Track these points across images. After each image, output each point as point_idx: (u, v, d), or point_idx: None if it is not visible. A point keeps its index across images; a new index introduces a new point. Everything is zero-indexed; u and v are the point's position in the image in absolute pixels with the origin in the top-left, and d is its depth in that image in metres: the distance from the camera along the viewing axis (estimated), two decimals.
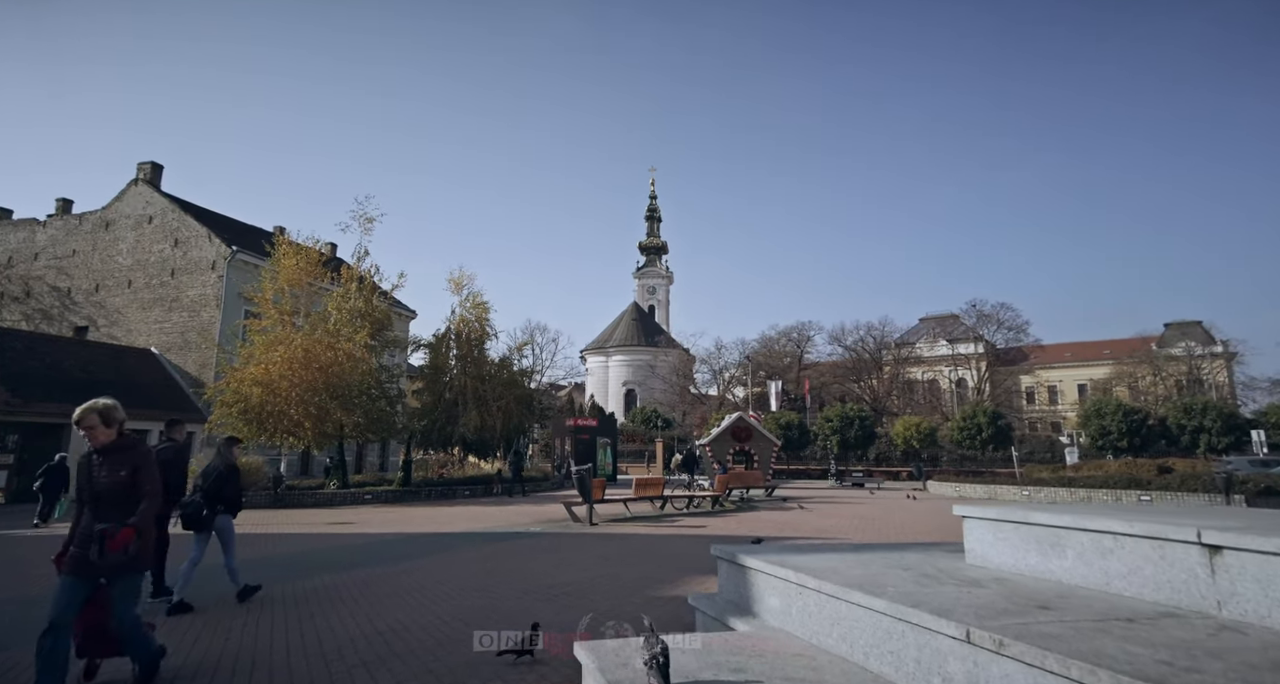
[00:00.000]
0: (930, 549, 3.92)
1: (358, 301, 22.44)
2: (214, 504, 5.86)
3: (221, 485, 5.93)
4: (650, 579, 6.83)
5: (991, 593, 2.55)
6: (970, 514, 3.26)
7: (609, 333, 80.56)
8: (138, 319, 28.41)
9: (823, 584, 2.84)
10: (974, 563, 3.20)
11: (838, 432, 36.90)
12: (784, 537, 10.78)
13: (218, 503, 5.89)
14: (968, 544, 3.30)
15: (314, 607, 5.81)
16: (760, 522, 13.47)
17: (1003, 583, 2.75)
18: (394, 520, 13.45)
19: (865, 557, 3.58)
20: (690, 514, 15.06)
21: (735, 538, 10.49)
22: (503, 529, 12.04)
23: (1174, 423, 31.36)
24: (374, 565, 8.06)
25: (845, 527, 12.50)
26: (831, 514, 15.29)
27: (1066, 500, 18.34)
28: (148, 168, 29.92)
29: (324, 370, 19.77)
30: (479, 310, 29.73)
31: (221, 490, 5.93)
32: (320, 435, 20.16)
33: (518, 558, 8.49)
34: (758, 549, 3.89)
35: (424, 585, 6.69)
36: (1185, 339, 58.88)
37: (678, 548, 9.40)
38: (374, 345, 22.45)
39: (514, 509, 16.50)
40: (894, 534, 11.16)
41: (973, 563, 3.21)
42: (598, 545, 9.65)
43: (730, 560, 3.75)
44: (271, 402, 19.04)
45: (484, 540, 10.40)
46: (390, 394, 22.96)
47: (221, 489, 5.93)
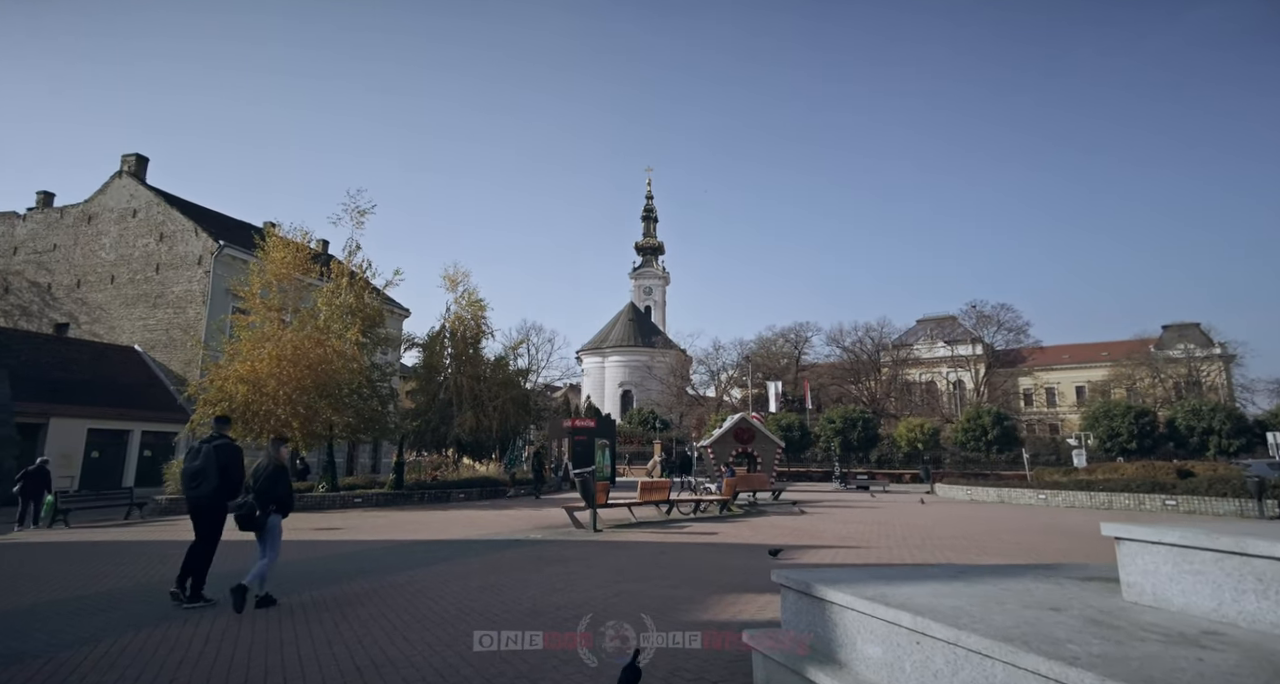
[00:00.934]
0: (1052, 575, 3.15)
1: (348, 297, 21.57)
2: (266, 504, 5.85)
3: (272, 485, 5.90)
4: (676, 600, 6.04)
5: (1230, 659, 1.78)
6: (1133, 537, 2.49)
7: (605, 333, 79.76)
8: (121, 316, 27.43)
9: (962, 635, 2.06)
10: (1144, 602, 2.43)
11: (840, 433, 36.22)
12: (804, 546, 10.01)
13: (270, 503, 5.88)
14: (1127, 576, 2.52)
15: (286, 631, 4.99)
16: (774, 528, 12.70)
17: (1222, 638, 1.98)
18: (384, 526, 12.61)
19: (982, 588, 2.80)
20: (697, 519, 14.28)
21: (752, 547, 9.71)
22: (501, 536, 11.23)
23: (1183, 425, 30.81)
24: (359, 580, 7.24)
25: (870, 535, 11.74)
26: (848, 520, 14.54)
27: (1086, 505, 17.68)
28: (132, 160, 28.95)
29: (313, 368, 18.91)
30: (475, 308, 28.88)
31: (273, 490, 5.90)
32: (309, 436, 19.28)
33: (520, 571, 7.68)
34: (838, 577, 3.10)
35: (415, 605, 5.88)
36: (1183, 341, 58.76)
37: (696, 559, 8.62)
38: (365, 343, 21.59)
39: (511, 514, 15.68)
40: (932, 545, 10.40)
41: (1142, 602, 2.44)
42: (607, 556, 8.86)
43: (803, 591, 2.96)
44: (258, 400, 18.16)
45: (482, 549, 9.59)
46: (382, 393, 22.10)
47: (273, 488, 5.90)
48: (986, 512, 17.17)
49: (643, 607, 5.55)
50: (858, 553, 9.31)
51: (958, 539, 10.96)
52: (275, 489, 5.89)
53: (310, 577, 7.47)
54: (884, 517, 15.37)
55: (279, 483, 5.94)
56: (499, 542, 10.56)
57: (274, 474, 5.92)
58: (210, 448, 5.98)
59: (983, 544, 10.28)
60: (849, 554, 9.22)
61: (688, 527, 12.93)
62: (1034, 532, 12.23)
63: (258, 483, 5.86)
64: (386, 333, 23.37)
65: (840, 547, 9.91)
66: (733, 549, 9.62)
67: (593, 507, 11.59)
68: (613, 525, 12.85)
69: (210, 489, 5.86)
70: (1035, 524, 13.73)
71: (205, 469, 5.87)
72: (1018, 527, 13.19)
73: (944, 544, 10.28)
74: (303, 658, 4.35)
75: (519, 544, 10.25)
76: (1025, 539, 11.01)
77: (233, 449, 6.12)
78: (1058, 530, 12.47)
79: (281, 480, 5.98)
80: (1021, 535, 11.60)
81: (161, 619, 5.43)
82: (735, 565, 7.97)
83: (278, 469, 5.99)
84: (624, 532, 11.92)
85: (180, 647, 4.64)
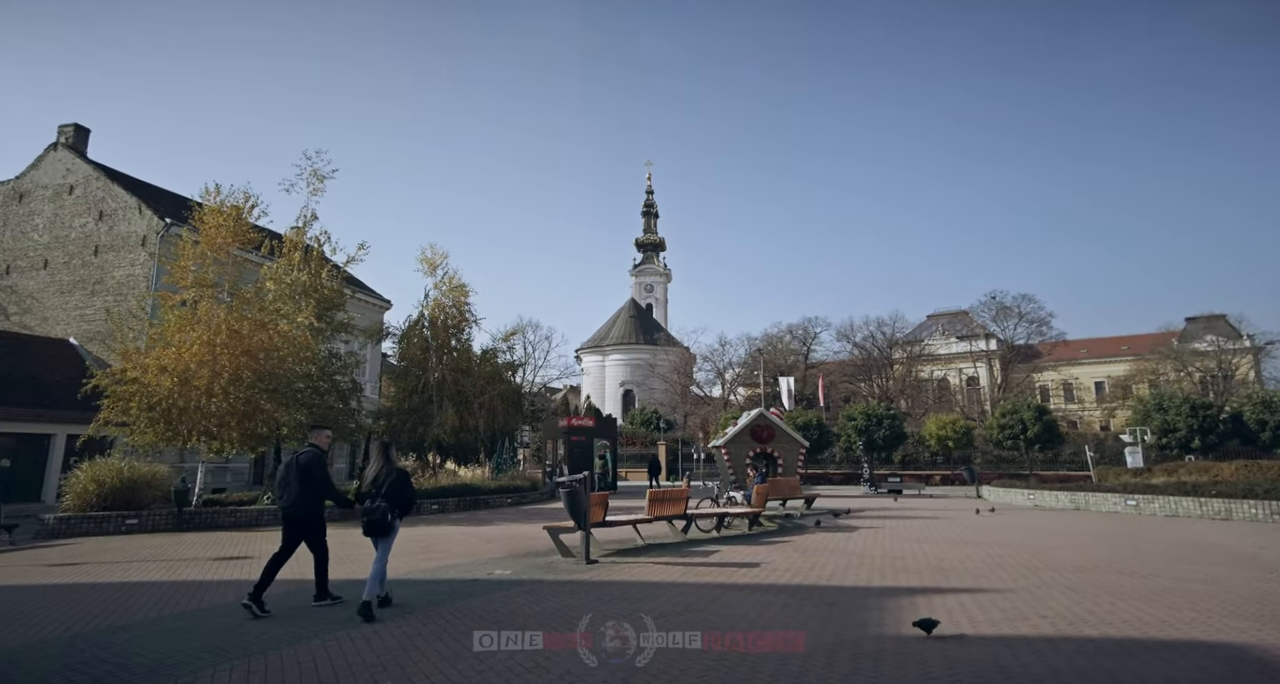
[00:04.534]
0: None
1: (301, 275, 18.38)
2: (395, 510, 5.89)
3: (401, 488, 5.96)
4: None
5: None
6: None
7: (605, 331, 76.53)
8: (55, 305, 24.20)
9: None
10: None
11: (863, 432, 32.89)
12: (910, 588, 6.78)
13: (396, 507, 5.90)
14: None
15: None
16: (832, 554, 9.43)
17: None
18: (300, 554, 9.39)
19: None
20: (723, 540, 11.02)
21: (825, 591, 6.47)
22: (456, 574, 7.95)
23: (1252, 419, 27.52)
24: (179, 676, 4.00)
25: (975, 564, 8.47)
26: (919, 537, 11.24)
27: (1195, 513, 14.32)
28: (70, 131, 25.74)
29: (253, 356, 15.68)
30: (457, 293, 25.67)
31: (402, 493, 5.96)
32: (249, 437, 16.04)
33: (442, 670, 4.42)
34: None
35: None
36: (1209, 333, 55.95)
37: (751, 621, 5.36)
38: (322, 328, 18.37)
39: (484, 533, 12.44)
40: (1089, 585, 7.12)
41: None
42: (606, 612, 5.60)
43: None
44: (185, 394, 14.91)
45: (416, 601, 6.35)
46: (343, 387, 18.85)
47: (402, 492, 5.96)
48: (1075, 523, 13.91)
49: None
50: (1005, 601, 6.06)
51: (1105, 571, 7.70)
52: (403, 492, 5.97)
53: (104, 667, 4.21)
54: (959, 531, 12.11)
55: (405, 486, 6.02)
56: (448, 584, 7.30)
57: (398, 479, 5.99)
58: (292, 458, 6.11)
59: (1156, 582, 7.03)
60: (992, 604, 5.97)
61: (714, 551, 9.67)
62: (1194, 557, 8.96)
63: (384, 488, 5.87)
64: (349, 317, 20.10)
65: (963, 590, 6.63)
66: (802, 599, 6.36)
67: (585, 529, 8.33)
68: (613, 550, 9.61)
69: (292, 498, 5.98)
70: (1171, 542, 10.47)
71: (287, 479, 6.01)
72: (1153, 547, 9.94)
73: (1100, 582, 7.02)
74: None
75: (474, 587, 7.00)
76: (1200, 570, 7.76)
77: (313, 456, 6.11)
78: (1222, 555, 9.22)
79: (407, 484, 6.05)
80: (1185, 564, 8.34)
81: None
82: (831, 642, 4.73)
83: (401, 473, 6.07)
84: (628, 562, 8.67)
85: None
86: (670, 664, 4.21)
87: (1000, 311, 54.97)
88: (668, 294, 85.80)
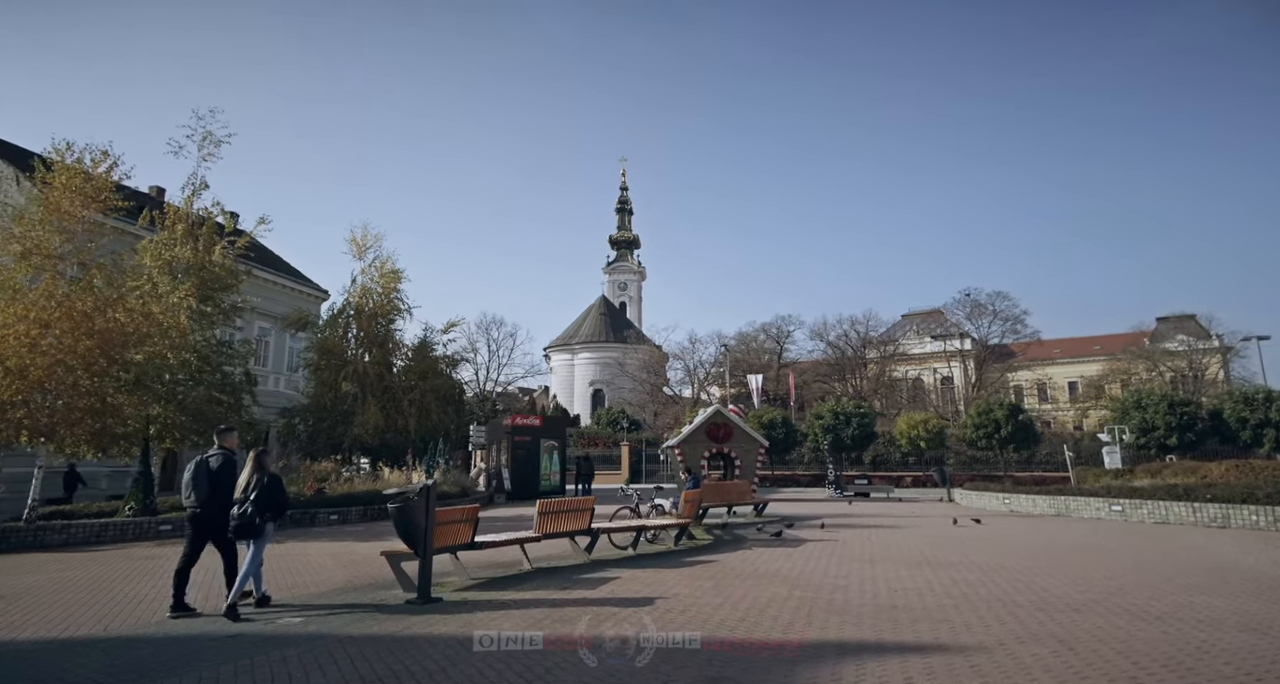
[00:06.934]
0: None
1: (183, 250, 15.96)
2: (263, 513, 5.98)
3: (273, 493, 6.09)
4: None
5: None
6: None
7: (575, 328, 74.30)
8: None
9: None
10: None
11: (831, 431, 31.17)
12: (858, 646, 4.77)
13: (267, 511, 6.02)
14: None
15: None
16: (757, 580, 7.39)
17: None
18: (102, 584, 7.13)
19: None
20: (636, 560, 8.96)
21: (737, 652, 4.43)
22: (225, 623, 5.76)
23: (1232, 417, 26.29)
24: None
25: (937, 600, 6.50)
26: (874, 557, 9.26)
27: (1188, 520, 12.61)
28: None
29: (104, 341, 13.21)
30: (387, 279, 23.37)
31: (274, 498, 6.08)
32: (102, 436, 13.57)
33: None
34: None
35: None
36: (1180, 333, 55.94)
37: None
38: (206, 311, 15.95)
39: (358, 551, 10.22)
40: (1086, 640, 5.22)
41: None
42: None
43: None
44: (8, 386, 12.41)
45: (97, 673, 4.16)
46: (234, 381, 16.44)
47: (274, 497, 6.08)
48: (1058, 533, 12.10)
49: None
50: (973, 674, 4.05)
51: (1107, 610, 5.75)
52: (275, 497, 6.08)
53: None
54: (923, 547, 10.18)
55: (278, 491, 6.14)
56: (179, 645, 5.11)
57: (272, 483, 6.09)
58: (201, 459, 6.08)
59: (1180, 630, 5.09)
60: (952, 677, 3.97)
61: (610, 580, 7.57)
62: (1213, 585, 7.09)
63: (255, 493, 5.94)
64: (243, 300, 17.67)
65: (913, 649, 4.57)
66: (675, 669, 4.31)
67: (422, 557, 6.19)
68: (484, 580, 7.47)
69: (202, 499, 5.96)
70: (1178, 562, 8.63)
71: (196, 480, 5.97)
72: (1158, 569, 8.08)
73: (1104, 631, 5.06)
74: None
75: (201, 655, 4.83)
76: (1228, 605, 5.86)
77: (225, 460, 6.17)
78: (1245, 580, 7.38)
79: (279, 489, 6.20)
80: (1206, 596, 6.45)
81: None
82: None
83: (273, 478, 6.15)
84: (485, 598, 6.53)
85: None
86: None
87: (975, 309, 54.30)
88: (642, 292, 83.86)
